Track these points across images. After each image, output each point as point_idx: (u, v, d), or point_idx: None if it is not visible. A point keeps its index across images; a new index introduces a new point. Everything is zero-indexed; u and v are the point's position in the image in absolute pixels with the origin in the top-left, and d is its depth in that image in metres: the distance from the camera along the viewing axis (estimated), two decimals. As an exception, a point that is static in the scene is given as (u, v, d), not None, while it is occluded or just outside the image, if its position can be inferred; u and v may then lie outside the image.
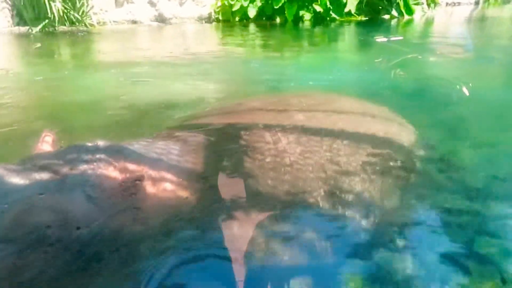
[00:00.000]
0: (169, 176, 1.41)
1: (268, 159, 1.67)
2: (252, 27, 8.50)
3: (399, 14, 9.14)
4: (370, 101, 2.66)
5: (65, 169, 1.25)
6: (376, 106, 2.56)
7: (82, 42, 6.28)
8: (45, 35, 6.72)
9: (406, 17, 9.13)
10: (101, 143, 1.41)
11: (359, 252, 1.27)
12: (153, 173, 1.38)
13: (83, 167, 1.27)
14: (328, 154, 1.74)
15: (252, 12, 8.73)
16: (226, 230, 1.30)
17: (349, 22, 8.70)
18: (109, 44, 6.67)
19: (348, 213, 1.45)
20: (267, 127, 1.94)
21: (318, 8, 8.55)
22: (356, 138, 1.85)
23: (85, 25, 7.44)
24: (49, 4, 6.74)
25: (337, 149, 1.76)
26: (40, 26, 6.84)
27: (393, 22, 8.87)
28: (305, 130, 1.91)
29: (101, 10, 8.05)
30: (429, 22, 8.99)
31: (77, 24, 7.28)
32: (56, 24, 7.00)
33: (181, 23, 9.03)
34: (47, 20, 6.90)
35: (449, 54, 3.92)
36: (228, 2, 9.10)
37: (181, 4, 9.29)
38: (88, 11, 7.48)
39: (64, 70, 4.26)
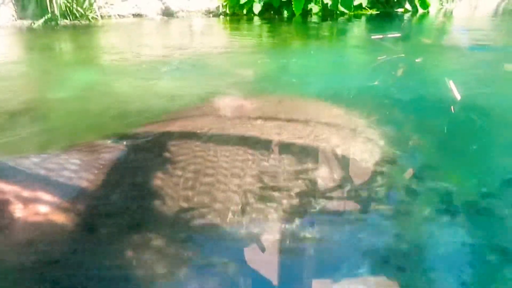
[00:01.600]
0: (46, 197, 1.28)
1: (187, 175, 1.52)
2: (259, 21, 8.32)
3: (413, 7, 8.75)
4: (340, 104, 2.47)
5: None
6: (340, 110, 2.37)
7: (78, 36, 6.26)
8: (46, 29, 6.73)
9: (421, 10, 8.72)
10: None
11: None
12: (25, 194, 1.25)
13: None
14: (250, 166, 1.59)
15: (257, 7, 8.53)
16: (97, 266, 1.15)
17: (360, 16, 8.38)
18: (106, 38, 6.63)
19: (254, 230, 1.29)
20: (201, 137, 1.79)
21: (326, 1, 8.27)
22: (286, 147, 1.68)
23: (88, 19, 7.43)
24: (50, -2, 6.76)
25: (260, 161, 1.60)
26: (42, 20, 6.86)
27: (406, 16, 8.49)
28: (242, 140, 1.76)
29: (106, 3, 8.03)
30: (445, 17, 8.55)
31: (79, 18, 7.27)
32: (59, 18, 7.01)
33: (188, 16, 8.92)
34: (49, 15, 6.92)
35: (440, 53, 3.67)
36: (235, -5, 8.92)
37: (188, -3, 9.17)
38: (91, 5, 7.46)
39: (45, 65, 4.23)
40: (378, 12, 8.62)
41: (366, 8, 8.62)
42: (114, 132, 2.06)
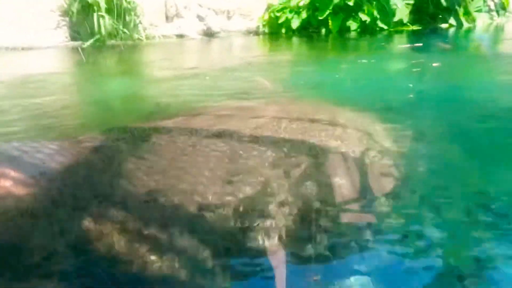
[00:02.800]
0: (11, 173, 1.36)
1: (151, 163, 1.56)
2: (298, 38, 8.42)
3: (457, 22, 8.42)
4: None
5: None
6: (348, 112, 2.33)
7: (121, 54, 6.68)
8: (94, 49, 7.23)
9: (466, 25, 8.38)
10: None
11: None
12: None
13: None
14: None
15: (295, 23, 8.63)
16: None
17: (401, 31, 8.20)
18: (149, 55, 6.99)
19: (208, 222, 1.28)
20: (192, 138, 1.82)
21: (365, 18, 8.19)
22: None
23: (133, 39, 7.88)
24: (98, 20, 7.26)
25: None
26: (91, 41, 7.38)
27: (450, 31, 8.19)
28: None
29: (151, 25, 8.49)
30: (492, 31, 8.15)
31: (125, 38, 7.74)
32: (106, 39, 7.51)
33: (228, 36, 9.19)
34: (98, 36, 7.43)
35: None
36: (274, 14, 9.10)
37: (228, 18, 9.47)
38: (136, 26, 7.93)
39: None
40: (420, 27, 8.38)
41: (408, 24, 8.42)
42: (111, 127, 2.16)
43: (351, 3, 8.13)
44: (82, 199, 1.34)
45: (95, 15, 7.27)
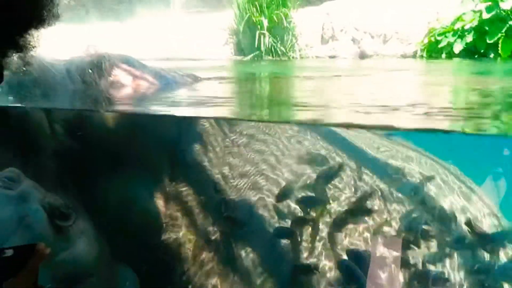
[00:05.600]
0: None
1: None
2: (462, 62, 7.79)
3: None
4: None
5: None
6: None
7: (274, 66, 7.20)
8: (253, 63, 7.99)
9: None
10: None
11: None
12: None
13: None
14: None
15: (458, 47, 8.01)
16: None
17: None
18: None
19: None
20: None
21: (546, 42, 7.13)
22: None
23: (288, 57, 8.42)
24: (260, 38, 8.00)
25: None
26: (251, 56, 8.17)
27: None
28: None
29: (306, 46, 8.94)
30: None
31: (281, 56, 8.33)
32: (263, 55, 8.21)
33: (381, 59, 9.04)
34: (257, 52, 8.18)
35: None
36: (435, 38, 8.62)
37: (384, 41, 9.33)
38: (293, 45, 8.46)
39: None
40: None
41: None
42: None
43: (529, 25, 7.21)
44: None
45: (257, 32, 8.04)
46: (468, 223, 2.74)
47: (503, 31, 7.56)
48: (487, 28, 7.79)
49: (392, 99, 2.93)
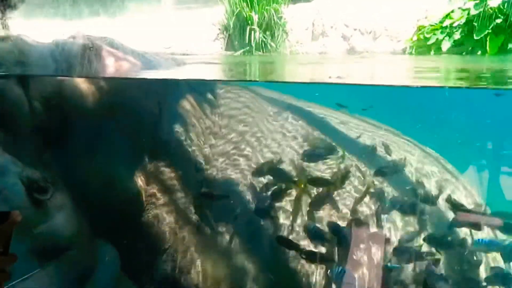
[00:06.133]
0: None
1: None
2: (450, 57, 7.91)
3: None
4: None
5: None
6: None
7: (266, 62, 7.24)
8: (244, 58, 8.02)
9: None
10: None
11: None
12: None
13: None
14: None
15: (446, 45, 8.11)
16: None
17: None
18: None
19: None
20: None
21: (532, 38, 7.24)
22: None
23: (278, 53, 8.45)
24: (250, 33, 8.03)
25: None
26: (241, 51, 8.19)
27: None
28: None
29: (297, 42, 8.98)
30: None
31: (271, 51, 8.35)
32: (254, 51, 8.23)
33: (371, 56, 9.11)
34: (248, 47, 8.20)
35: None
36: (424, 36, 8.72)
37: (374, 38, 9.39)
38: (283, 41, 8.49)
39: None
40: None
41: None
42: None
43: (516, 22, 7.31)
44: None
45: (248, 28, 8.06)
46: (449, 199, 2.81)
47: (490, 28, 7.66)
48: (475, 25, 7.88)
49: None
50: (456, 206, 2.96)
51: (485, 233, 3.30)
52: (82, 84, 2.13)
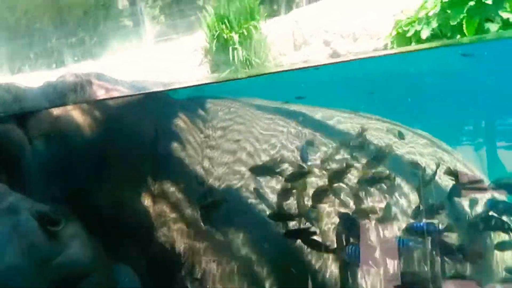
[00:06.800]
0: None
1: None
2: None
3: None
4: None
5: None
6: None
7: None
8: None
9: None
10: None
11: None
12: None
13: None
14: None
15: (425, 33, 8.26)
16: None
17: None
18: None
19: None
20: None
21: (506, 15, 7.39)
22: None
23: (264, 67, 8.60)
24: (233, 53, 8.19)
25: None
26: (227, 72, 8.33)
27: None
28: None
29: (280, 54, 9.14)
30: None
31: (256, 67, 8.51)
32: (239, 69, 8.38)
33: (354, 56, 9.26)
34: (233, 67, 8.35)
35: None
36: (402, 29, 8.88)
37: (355, 40, 9.57)
38: (267, 55, 8.65)
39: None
40: None
41: None
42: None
43: (489, 2, 7.47)
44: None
45: (230, 48, 8.23)
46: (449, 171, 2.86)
47: (465, 11, 7.81)
48: (449, 12, 8.04)
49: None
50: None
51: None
52: (77, 116, 2.20)
